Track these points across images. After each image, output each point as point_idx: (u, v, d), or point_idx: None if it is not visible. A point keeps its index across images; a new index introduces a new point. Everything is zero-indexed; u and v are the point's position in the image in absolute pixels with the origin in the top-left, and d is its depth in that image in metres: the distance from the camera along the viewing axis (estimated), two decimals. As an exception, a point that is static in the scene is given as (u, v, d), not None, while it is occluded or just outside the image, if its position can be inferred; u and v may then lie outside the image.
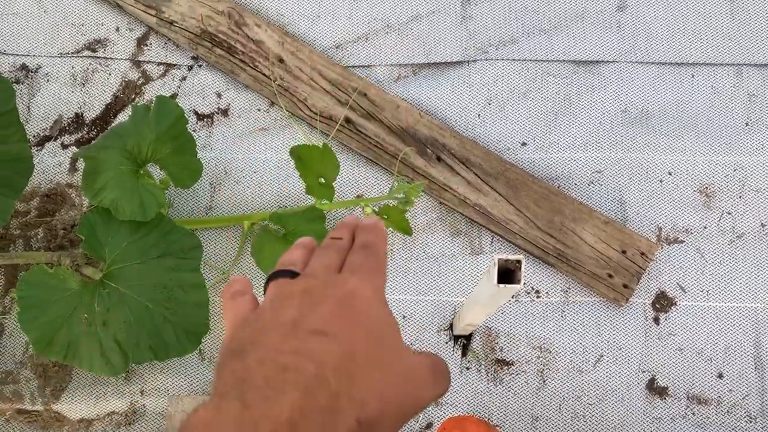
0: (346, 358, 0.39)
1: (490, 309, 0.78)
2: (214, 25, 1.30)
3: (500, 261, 0.62)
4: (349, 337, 0.40)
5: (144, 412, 1.15)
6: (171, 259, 1.06)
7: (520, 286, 0.63)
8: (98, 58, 1.32)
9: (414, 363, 0.44)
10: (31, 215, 1.26)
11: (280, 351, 0.39)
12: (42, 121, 1.30)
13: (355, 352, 0.40)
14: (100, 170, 1.06)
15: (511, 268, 0.63)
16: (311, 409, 0.36)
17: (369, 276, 0.46)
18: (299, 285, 0.44)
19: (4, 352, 1.19)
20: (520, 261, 0.62)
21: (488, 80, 1.28)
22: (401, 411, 0.42)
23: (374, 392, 0.40)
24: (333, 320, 0.41)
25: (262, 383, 0.37)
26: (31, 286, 1.03)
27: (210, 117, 1.30)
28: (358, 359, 0.40)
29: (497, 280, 0.62)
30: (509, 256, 0.61)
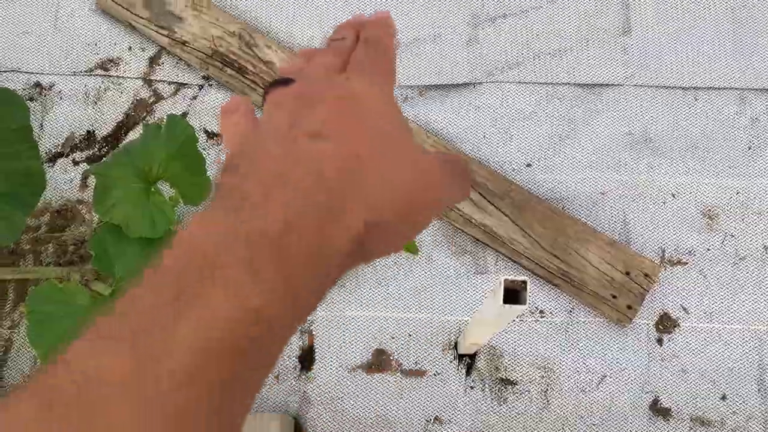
0: (347, 157, 0.34)
1: (494, 328, 0.79)
2: (226, 46, 1.32)
3: (506, 282, 0.63)
4: (351, 137, 0.35)
5: (150, 428, 1.16)
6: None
7: (525, 307, 0.64)
8: (111, 77, 1.34)
9: (429, 161, 0.38)
10: (42, 231, 1.28)
11: (272, 157, 0.34)
12: (54, 137, 1.32)
13: (358, 150, 0.34)
14: (111, 187, 1.07)
15: (517, 289, 0.64)
16: (309, 209, 0.32)
17: (375, 75, 0.40)
18: (293, 89, 0.39)
19: (12, 366, 1.21)
20: (525, 282, 0.63)
21: (494, 102, 1.30)
22: (415, 212, 0.37)
23: (383, 192, 0.35)
24: (332, 120, 0.35)
25: (253, 189, 0.32)
26: (40, 301, 1.04)
27: (219, 135, 1.32)
28: (363, 158, 0.34)
29: (503, 301, 0.63)
30: (515, 277, 0.62)
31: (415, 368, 1.18)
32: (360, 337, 1.20)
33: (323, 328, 1.20)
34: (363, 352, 1.19)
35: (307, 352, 1.20)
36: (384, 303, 1.21)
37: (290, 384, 1.18)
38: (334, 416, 1.16)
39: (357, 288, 1.22)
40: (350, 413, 1.16)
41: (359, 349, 1.19)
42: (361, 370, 1.18)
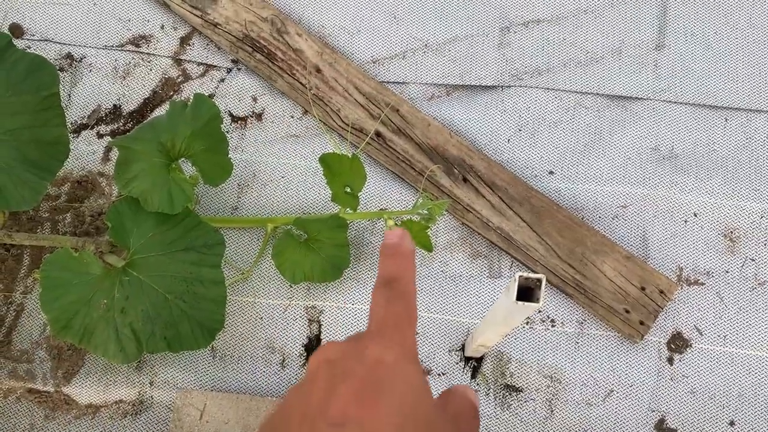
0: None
1: (504, 329, 0.78)
2: (257, 31, 1.33)
3: (521, 278, 0.62)
4: (373, 423, 0.38)
5: (151, 403, 1.16)
6: (193, 254, 1.07)
7: (539, 305, 0.63)
8: (141, 53, 1.35)
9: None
10: (61, 200, 1.29)
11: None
12: (81, 109, 1.33)
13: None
14: (132, 161, 1.08)
15: (531, 287, 0.63)
16: None
17: (394, 334, 0.43)
18: (323, 355, 0.43)
19: (21, 330, 1.21)
20: (540, 280, 0.62)
21: (520, 107, 1.29)
22: None
23: None
24: (355, 404, 0.38)
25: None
26: (54, 268, 1.05)
27: (244, 120, 1.32)
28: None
29: (516, 297, 0.62)
30: (530, 274, 0.61)
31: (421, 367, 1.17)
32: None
33: (332, 318, 1.19)
34: (369, 346, 1.18)
35: (314, 341, 1.19)
36: (394, 299, 1.20)
37: (295, 371, 1.17)
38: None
39: (369, 282, 1.21)
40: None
41: (366, 342, 1.18)
42: (366, 364, 1.18)
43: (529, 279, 0.62)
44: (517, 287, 0.62)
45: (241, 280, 1.22)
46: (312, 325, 1.20)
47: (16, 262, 1.26)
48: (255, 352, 1.18)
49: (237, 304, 1.21)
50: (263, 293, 1.21)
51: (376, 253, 1.23)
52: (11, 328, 1.22)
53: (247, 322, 1.20)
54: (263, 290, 1.21)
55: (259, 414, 1.03)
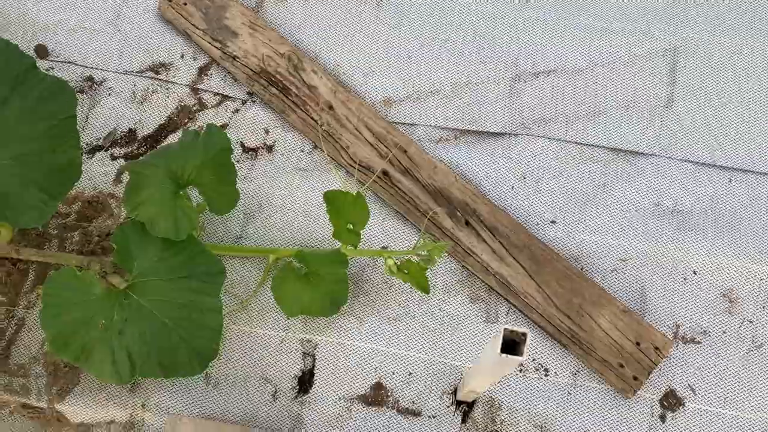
0: None
1: (491, 378, 0.79)
2: (274, 66, 1.36)
3: (506, 331, 0.63)
4: None
5: (142, 426, 1.17)
6: (195, 281, 1.09)
7: (522, 359, 0.64)
8: (160, 80, 1.39)
9: None
10: (71, 218, 1.31)
11: None
12: (97, 131, 1.36)
13: None
14: (143, 185, 1.10)
15: (516, 340, 0.64)
16: None
17: None
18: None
19: (20, 345, 1.23)
20: (525, 334, 0.63)
21: (526, 155, 1.31)
22: None
23: None
24: None
25: None
26: (58, 285, 1.07)
27: (255, 151, 1.35)
28: None
29: (501, 350, 0.63)
30: (516, 327, 0.62)
31: (412, 408, 1.18)
32: (361, 369, 1.20)
33: (326, 353, 1.20)
34: (362, 383, 1.19)
35: (307, 375, 1.20)
36: (390, 338, 1.21)
37: (286, 404, 1.18)
38: (325, 443, 1.16)
39: (365, 319, 1.22)
40: (341, 443, 1.15)
41: (359, 380, 1.19)
42: (358, 401, 1.18)
43: (514, 332, 0.62)
44: (502, 340, 0.62)
45: (239, 309, 1.23)
46: (306, 359, 1.21)
47: (21, 277, 1.28)
48: (248, 382, 1.19)
49: (234, 332, 1.22)
50: (260, 324, 1.22)
51: (375, 290, 1.24)
52: (10, 342, 1.23)
53: (242, 351, 1.21)
54: (260, 321, 1.22)
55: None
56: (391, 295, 1.24)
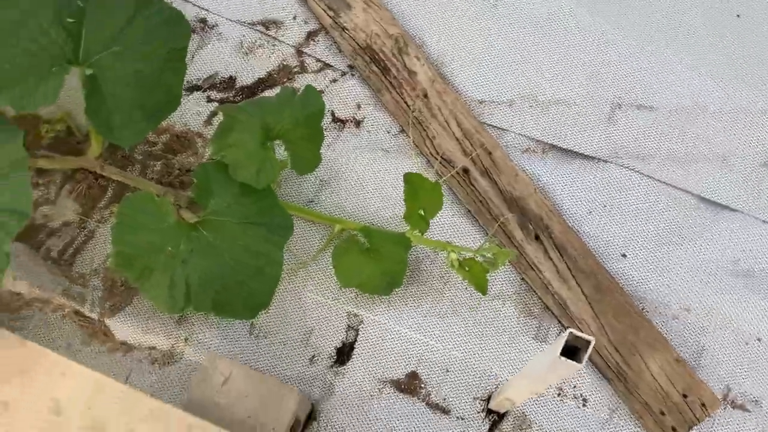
0: None
1: (537, 386, 0.78)
2: (379, 45, 1.37)
3: (571, 335, 0.62)
4: None
5: (181, 358, 1.20)
6: (263, 230, 1.11)
7: (580, 366, 0.63)
8: (268, 36, 1.42)
9: None
10: (157, 148, 1.35)
11: None
12: (199, 71, 1.41)
13: None
14: (233, 129, 1.13)
15: (578, 347, 0.63)
16: None
17: None
18: None
19: (85, 256, 1.28)
20: (590, 342, 0.62)
21: (612, 184, 1.29)
22: None
23: None
24: None
25: None
26: (134, 206, 1.10)
27: (343, 122, 1.37)
28: None
29: (561, 352, 0.62)
30: (581, 334, 0.61)
31: (442, 404, 1.17)
32: (400, 354, 1.20)
33: (370, 331, 1.21)
34: (398, 369, 1.19)
35: (347, 348, 1.21)
36: (434, 332, 1.20)
37: (320, 371, 1.19)
38: (349, 418, 1.16)
39: (415, 307, 1.22)
40: (364, 421, 1.16)
41: (396, 365, 1.19)
42: (390, 384, 1.18)
43: (579, 338, 0.62)
44: (565, 343, 0.62)
45: (296, 269, 1.25)
46: (349, 332, 1.22)
47: (100, 192, 1.33)
48: (289, 341, 1.21)
49: (286, 290, 1.24)
50: (313, 288, 1.24)
51: (430, 282, 1.24)
52: (77, 251, 1.28)
53: (290, 310, 1.23)
54: (314, 285, 1.24)
55: (280, 399, 1.05)
56: (445, 290, 1.24)
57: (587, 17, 1.40)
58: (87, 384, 1.01)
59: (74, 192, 1.33)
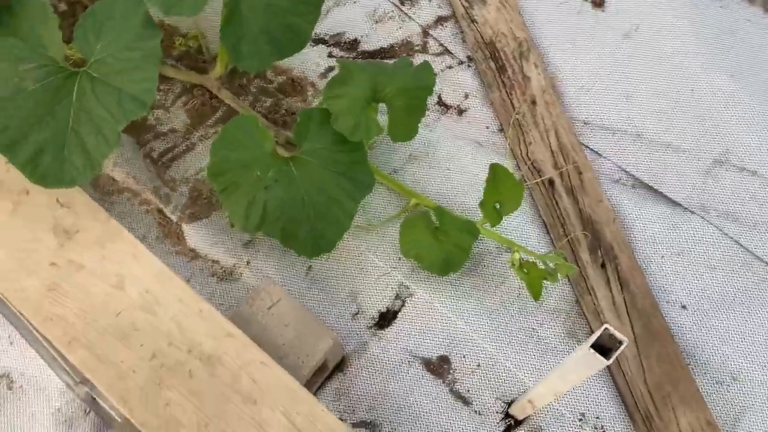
0: None
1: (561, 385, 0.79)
2: (502, 44, 1.41)
3: (606, 330, 0.64)
4: None
5: (239, 278, 1.27)
6: (345, 181, 1.17)
7: (607, 363, 0.64)
8: (401, 11, 1.48)
9: None
10: (273, 85, 1.44)
11: None
12: (328, 28, 1.48)
13: None
14: (345, 82, 1.19)
15: (610, 347, 0.64)
16: None
17: None
18: None
19: (181, 164, 1.37)
20: (622, 343, 0.63)
21: (692, 235, 1.27)
22: None
23: None
24: None
25: None
26: (240, 125, 1.18)
27: (447, 108, 1.41)
28: None
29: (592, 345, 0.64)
30: (617, 333, 0.63)
31: (464, 395, 1.19)
32: (438, 336, 1.23)
33: (416, 305, 1.24)
34: (432, 349, 1.22)
35: (390, 314, 1.25)
36: (477, 324, 1.23)
37: (359, 328, 1.23)
38: (373, 380, 1.20)
39: (465, 295, 1.25)
40: (387, 386, 1.19)
41: (431, 344, 1.22)
42: (421, 361, 1.21)
43: (613, 336, 0.63)
44: (598, 338, 0.63)
45: (365, 228, 1.30)
46: (396, 301, 1.26)
47: (210, 111, 1.42)
48: (339, 292, 1.26)
49: (350, 245, 1.29)
50: (374, 250, 1.28)
51: (486, 276, 1.26)
52: (175, 158, 1.38)
53: (348, 264, 1.28)
54: (376, 248, 1.29)
55: (316, 338, 1.10)
56: (499, 290, 1.25)
57: (714, 65, 1.39)
58: (151, 271, 1.10)
59: (188, 105, 1.43)
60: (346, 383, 1.20)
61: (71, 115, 1.07)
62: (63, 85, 1.08)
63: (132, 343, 1.04)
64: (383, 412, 1.18)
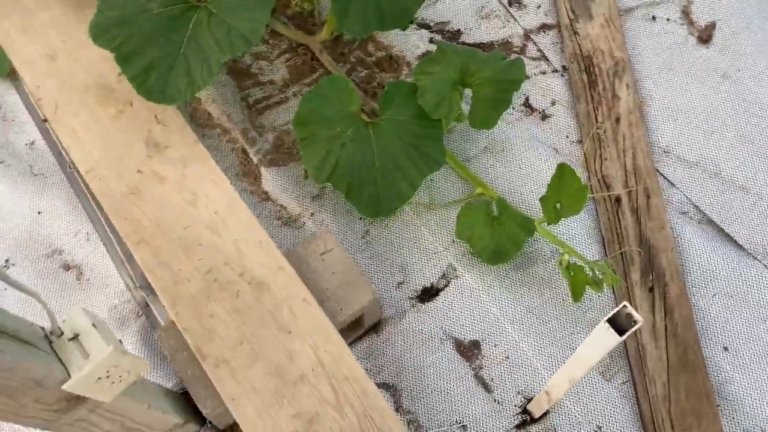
0: None
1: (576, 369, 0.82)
2: (599, 60, 1.43)
3: (625, 308, 0.66)
4: None
5: (300, 227, 1.35)
6: (417, 154, 1.22)
7: (620, 340, 0.67)
8: (507, 11, 1.53)
9: None
10: (370, 58, 1.51)
11: None
12: (435, 15, 1.54)
13: None
14: (437, 62, 1.25)
15: (626, 327, 0.67)
16: None
17: None
18: None
19: (271, 114, 1.46)
20: (637, 322, 0.66)
21: (748, 280, 1.25)
22: None
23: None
24: None
25: None
26: (332, 84, 1.25)
27: (532, 110, 1.44)
28: None
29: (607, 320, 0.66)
30: (635, 313, 0.65)
31: (487, 382, 1.22)
32: (474, 320, 1.26)
33: (459, 287, 1.28)
34: (466, 332, 1.25)
35: (433, 291, 1.29)
36: (514, 317, 1.25)
37: (401, 297, 1.28)
38: (404, 347, 1.24)
39: (510, 288, 1.27)
40: (414, 357, 1.23)
41: (466, 327, 1.25)
42: (452, 341, 1.25)
43: (630, 316, 0.65)
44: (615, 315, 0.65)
45: (426, 204, 1.35)
46: (442, 280, 1.30)
47: (309, 71, 1.51)
48: (389, 261, 1.31)
49: (407, 218, 1.34)
50: (430, 227, 1.33)
51: (533, 274, 1.29)
52: (268, 107, 1.47)
53: (402, 237, 1.33)
54: (431, 225, 1.33)
55: (358, 291, 1.16)
56: (544, 290, 1.27)
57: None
58: (225, 196, 1.18)
59: (290, 62, 1.52)
60: (378, 345, 1.25)
61: (184, 42, 1.17)
62: (182, 15, 1.18)
63: (192, 256, 1.13)
64: (406, 380, 1.22)
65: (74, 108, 1.25)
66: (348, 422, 1.02)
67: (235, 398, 1.03)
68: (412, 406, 1.20)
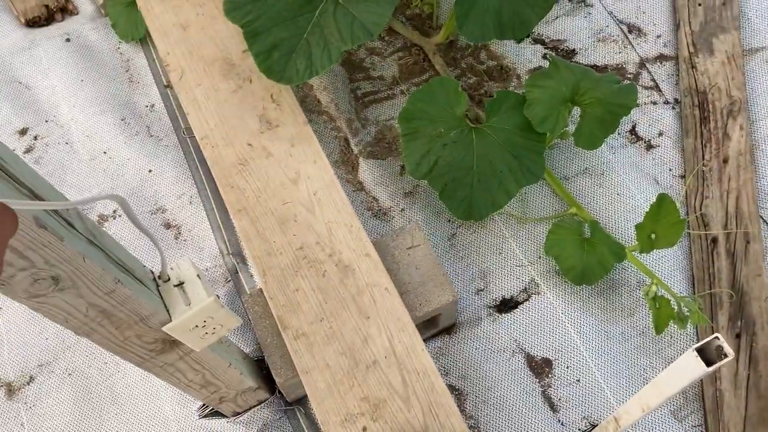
0: None
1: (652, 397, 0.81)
2: (714, 97, 1.40)
3: (716, 340, 0.65)
4: None
5: (389, 220, 1.38)
6: (515, 163, 1.23)
7: (709, 371, 0.66)
8: (626, 37, 1.51)
9: None
10: (481, 67, 1.53)
11: None
12: (552, 31, 1.54)
13: None
14: (549, 77, 1.25)
15: (714, 360, 0.66)
16: None
17: None
18: None
19: (378, 108, 1.50)
20: (727, 356, 0.65)
21: None
22: None
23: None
24: None
25: None
26: (442, 84, 1.28)
27: (638, 138, 1.42)
28: None
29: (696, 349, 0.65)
30: (726, 346, 0.64)
31: (555, 402, 1.21)
32: (550, 338, 1.25)
33: (538, 303, 1.28)
34: (540, 347, 1.25)
35: (512, 303, 1.29)
36: (593, 343, 1.24)
37: (479, 305, 1.29)
38: (475, 354, 1.25)
39: (591, 311, 1.26)
40: (484, 365, 1.24)
41: (540, 343, 1.25)
42: (524, 355, 1.25)
43: (720, 349, 0.64)
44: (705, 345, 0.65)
45: (517, 216, 1.35)
46: (522, 294, 1.30)
47: (419, 72, 1.54)
48: (471, 266, 1.32)
49: (497, 228, 1.35)
50: (518, 239, 1.33)
51: (618, 302, 1.27)
52: (375, 101, 1.51)
53: (490, 245, 1.34)
54: (520, 238, 1.34)
55: (439, 290, 1.18)
56: (624, 318, 1.26)
57: None
58: (324, 178, 1.23)
59: (402, 60, 1.56)
60: (450, 347, 1.27)
61: (308, 27, 1.23)
62: (310, 1, 1.24)
63: (287, 231, 1.18)
64: (472, 385, 1.23)
65: (198, 77, 1.32)
66: (413, 414, 1.04)
67: (309, 371, 1.07)
68: (475, 412, 1.21)
